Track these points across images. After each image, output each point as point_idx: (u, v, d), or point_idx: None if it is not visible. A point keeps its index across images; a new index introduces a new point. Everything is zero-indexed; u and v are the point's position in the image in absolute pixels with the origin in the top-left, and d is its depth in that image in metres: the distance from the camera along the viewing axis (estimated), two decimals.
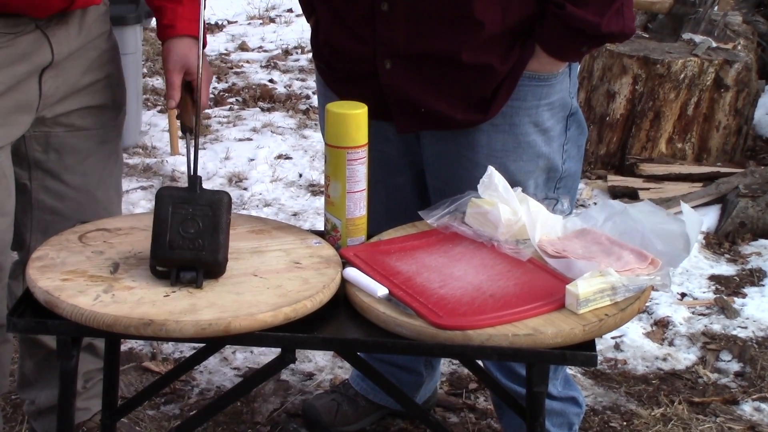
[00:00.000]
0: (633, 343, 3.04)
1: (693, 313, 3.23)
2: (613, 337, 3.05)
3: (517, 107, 2.05)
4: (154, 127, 4.84)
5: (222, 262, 1.70)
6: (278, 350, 1.71)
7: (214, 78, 5.69)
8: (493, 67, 1.99)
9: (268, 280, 1.74)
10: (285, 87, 5.58)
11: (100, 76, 2.09)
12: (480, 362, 2.19)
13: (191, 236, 1.68)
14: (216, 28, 6.69)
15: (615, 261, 1.75)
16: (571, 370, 2.61)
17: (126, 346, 2.92)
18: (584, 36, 1.96)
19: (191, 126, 1.98)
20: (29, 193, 2.09)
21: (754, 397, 2.79)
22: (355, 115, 1.90)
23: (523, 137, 2.07)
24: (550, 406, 2.37)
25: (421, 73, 2.01)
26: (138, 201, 4.03)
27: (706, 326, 3.14)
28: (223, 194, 1.73)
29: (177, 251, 1.68)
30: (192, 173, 1.71)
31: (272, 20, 7.13)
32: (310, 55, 6.16)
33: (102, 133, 2.12)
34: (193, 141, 1.86)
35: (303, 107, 5.19)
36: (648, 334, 3.10)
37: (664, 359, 2.96)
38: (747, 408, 2.74)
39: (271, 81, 5.69)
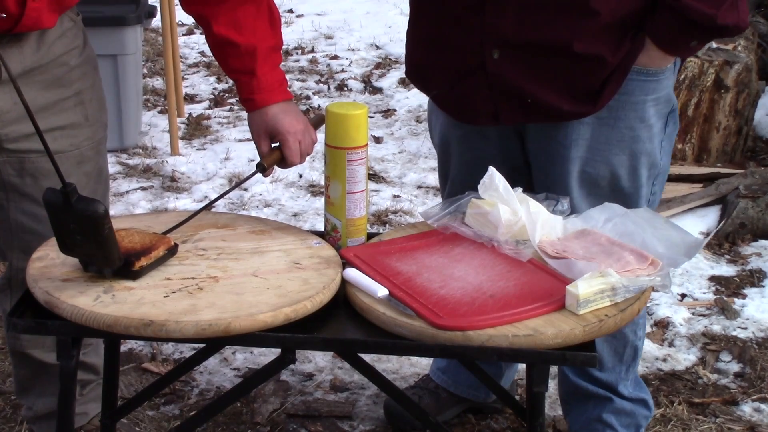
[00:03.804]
0: None
1: (693, 313, 3.22)
2: None
3: (624, 101, 2.04)
4: (154, 127, 4.84)
5: (115, 263, 1.70)
6: (278, 351, 1.71)
7: (213, 78, 5.69)
8: (604, 58, 1.98)
9: (268, 281, 1.74)
10: None
11: (68, 94, 2.02)
12: None
13: (79, 243, 1.67)
14: None
15: (615, 262, 1.75)
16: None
17: (126, 346, 2.92)
18: (697, 29, 1.94)
19: (263, 163, 2.04)
20: (8, 213, 2.05)
21: (753, 397, 2.79)
22: (355, 116, 1.90)
23: (627, 131, 2.07)
24: (621, 406, 2.36)
25: (529, 63, 2.00)
26: (138, 201, 4.03)
27: (706, 327, 3.14)
28: (96, 209, 1.62)
29: (74, 252, 1.71)
30: (62, 185, 1.63)
31: None
32: (311, 55, 6.17)
33: (78, 154, 2.05)
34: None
35: (303, 108, 5.19)
36: (648, 335, 3.09)
37: (664, 360, 2.96)
38: (747, 408, 2.74)
39: None
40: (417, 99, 5.31)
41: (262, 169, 2.03)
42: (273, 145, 2.07)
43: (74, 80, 2.03)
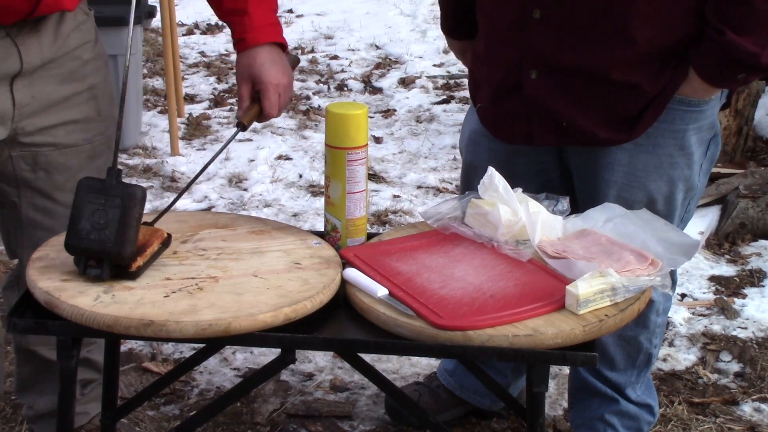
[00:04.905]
0: None
1: (693, 313, 3.22)
2: None
3: (664, 129, 2.01)
4: (154, 127, 4.84)
5: (127, 255, 1.69)
6: (278, 351, 1.71)
7: (213, 78, 5.69)
8: (642, 87, 1.96)
9: (268, 281, 1.74)
10: None
11: (81, 88, 2.03)
12: None
13: (100, 227, 1.67)
14: (216, 28, 6.69)
15: (615, 262, 1.75)
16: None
17: (126, 346, 2.92)
18: (741, 65, 1.90)
19: (242, 122, 1.99)
20: (19, 210, 2.06)
21: (754, 397, 2.79)
22: (355, 116, 1.90)
23: (666, 158, 2.04)
24: (626, 408, 2.36)
25: (566, 86, 1.99)
26: None
27: (706, 327, 3.14)
28: (137, 189, 1.69)
29: (86, 240, 1.69)
30: (113, 165, 1.68)
31: None
32: (310, 55, 6.17)
33: (90, 148, 2.06)
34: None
35: (303, 108, 5.19)
36: None
37: (664, 360, 2.96)
38: (747, 408, 2.74)
39: None
40: (417, 99, 5.31)
41: (243, 127, 2.00)
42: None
43: (87, 74, 2.04)
